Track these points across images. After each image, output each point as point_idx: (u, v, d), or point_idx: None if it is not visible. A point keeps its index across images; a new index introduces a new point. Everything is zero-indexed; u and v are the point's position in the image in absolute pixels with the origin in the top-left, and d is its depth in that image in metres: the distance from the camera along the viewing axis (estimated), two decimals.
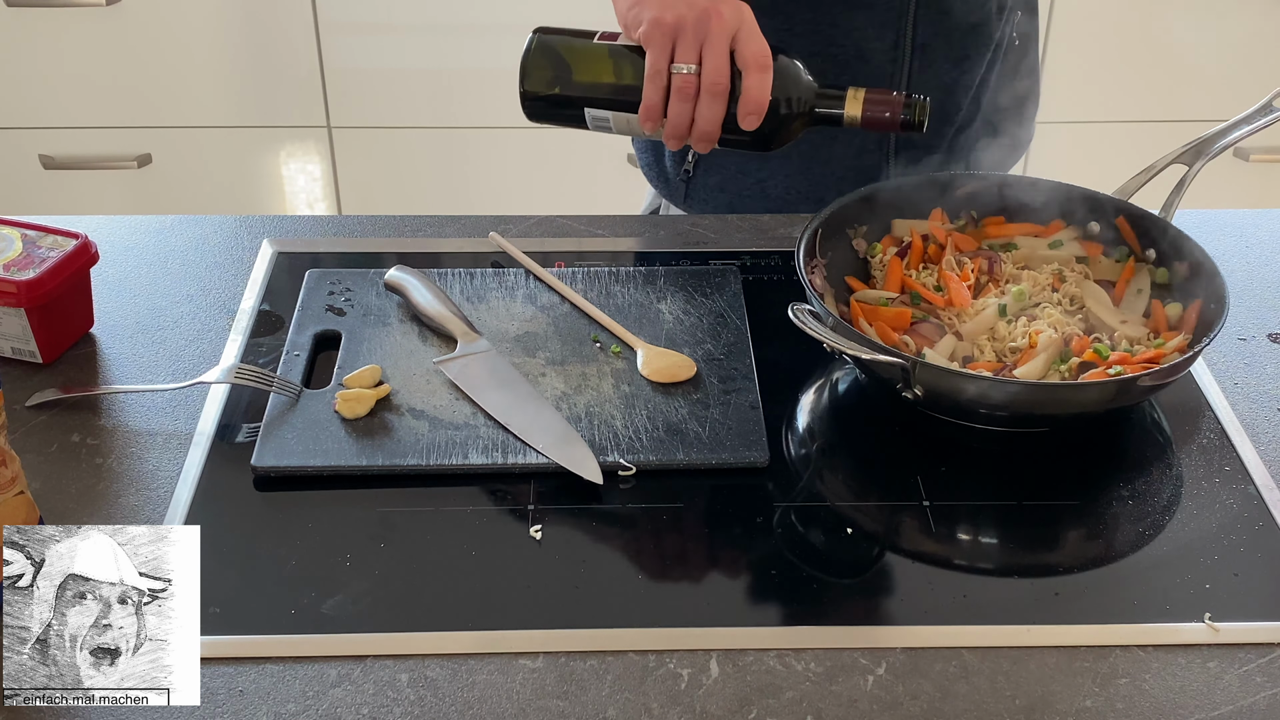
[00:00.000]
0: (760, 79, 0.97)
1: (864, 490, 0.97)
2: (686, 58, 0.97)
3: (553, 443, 0.95)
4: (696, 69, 0.97)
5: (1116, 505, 0.94)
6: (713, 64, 0.97)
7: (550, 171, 2.42)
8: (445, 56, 2.33)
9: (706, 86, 0.98)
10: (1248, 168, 2.39)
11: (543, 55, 1.05)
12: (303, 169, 2.45)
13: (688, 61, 0.97)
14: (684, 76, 0.98)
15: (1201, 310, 1.02)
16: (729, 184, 1.32)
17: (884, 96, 1.00)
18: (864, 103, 1.00)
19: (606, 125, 1.04)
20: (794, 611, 0.87)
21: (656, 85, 0.99)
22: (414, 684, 0.80)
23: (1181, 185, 1.11)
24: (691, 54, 0.97)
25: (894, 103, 1.00)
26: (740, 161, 1.30)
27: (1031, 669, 0.82)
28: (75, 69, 2.30)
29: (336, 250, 1.20)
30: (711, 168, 1.31)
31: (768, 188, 1.30)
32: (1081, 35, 2.27)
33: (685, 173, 1.32)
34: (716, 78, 0.97)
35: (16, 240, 1.03)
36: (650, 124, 1.01)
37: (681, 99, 0.98)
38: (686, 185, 1.33)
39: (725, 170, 1.31)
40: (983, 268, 1.09)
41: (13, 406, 0.99)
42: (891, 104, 1.00)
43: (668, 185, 1.37)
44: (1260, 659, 0.83)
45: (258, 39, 2.31)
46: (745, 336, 1.07)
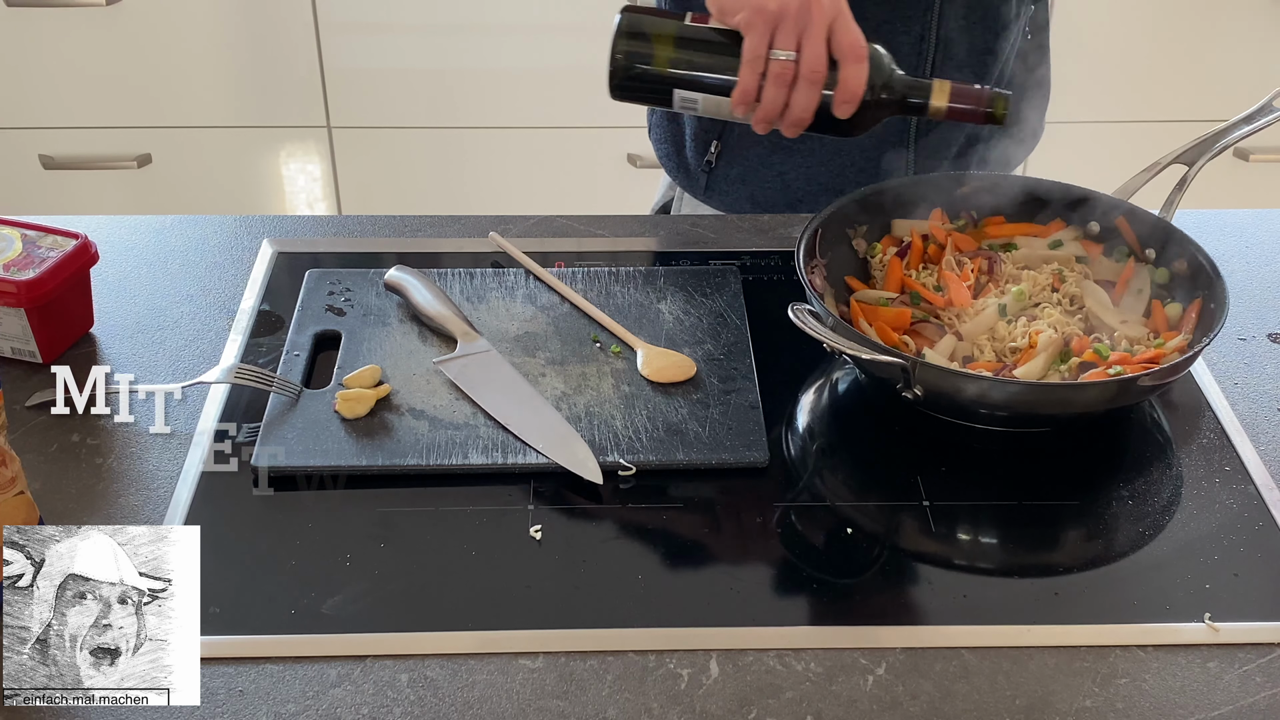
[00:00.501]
0: (857, 69, 1.00)
1: (864, 490, 0.97)
2: (786, 45, 0.99)
3: (553, 443, 0.95)
4: (795, 56, 0.99)
5: (1116, 505, 0.94)
6: (811, 52, 0.99)
7: (550, 171, 2.42)
8: (445, 56, 2.33)
9: (805, 74, 0.99)
10: (1248, 168, 2.39)
11: (636, 33, 1.05)
12: (303, 169, 2.45)
13: (786, 49, 0.99)
14: (782, 63, 0.99)
15: (1201, 310, 1.02)
16: (750, 175, 1.32)
17: (967, 90, 1.02)
18: (950, 94, 1.02)
19: (694, 107, 1.05)
20: (794, 611, 0.87)
21: (754, 70, 1.00)
22: (414, 684, 0.80)
23: (1182, 185, 1.11)
24: (791, 41, 0.99)
25: (978, 95, 1.02)
26: (763, 153, 1.30)
27: (1031, 669, 0.82)
28: (75, 69, 2.30)
29: (336, 250, 1.20)
30: (734, 159, 1.32)
31: (789, 179, 1.31)
32: (1081, 35, 2.27)
33: (707, 164, 1.33)
34: (816, 65, 0.99)
35: (16, 240, 1.03)
36: (743, 108, 1.02)
37: (778, 85, 1.00)
38: (708, 176, 1.34)
39: (747, 161, 1.31)
40: (983, 268, 1.09)
41: (13, 406, 0.99)
42: (976, 96, 1.02)
43: (688, 176, 1.37)
44: (1260, 659, 0.83)
45: (258, 39, 2.31)
46: (745, 336, 1.07)
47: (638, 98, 1.08)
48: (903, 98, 1.03)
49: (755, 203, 1.33)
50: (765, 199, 1.33)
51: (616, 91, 1.07)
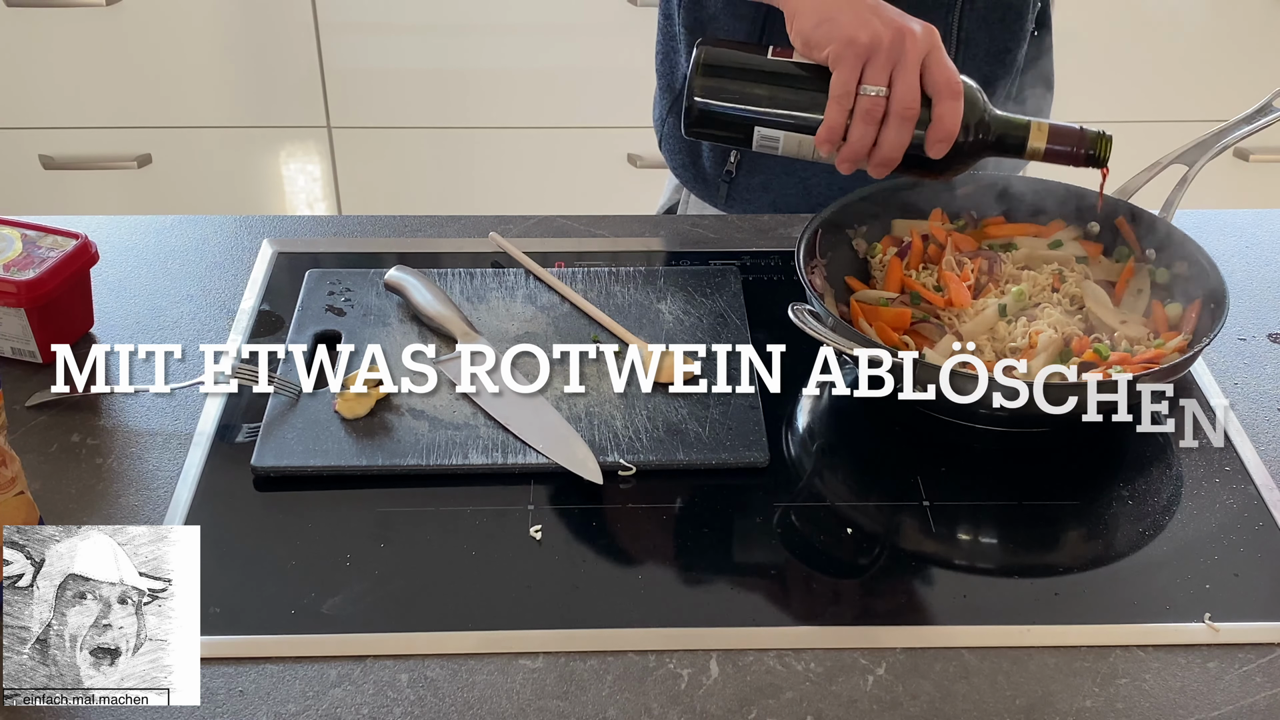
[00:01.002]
0: (953, 106, 0.95)
1: (864, 490, 0.97)
2: (877, 80, 0.94)
3: (553, 443, 0.95)
4: (886, 91, 0.95)
5: (1116, 505, 0.94)
6: (905, 88, 0.94)
7: (550, 171, 2.42)
8: (445, 56, 2.33)
9: (897, 111, 0.95)
10: (1248, 168, 2.39)
11: (716, 68, 1.00)
12: (303, 169, 2.45)
13: (877, 84, 0.94)
14: (872, 99, 0.95)
15: (1201, 310, 1.02)
16: (773, 183, 1.31)
17: (1067, 130, 0.98)
18: (1049, 135, 0.98)
19: (775, 146, 1.01)
20: (794, 611, 0.87)
21: (843, 106, 0.95)
22: (414, 684, 0.80)
23: (1182, 185, 1.11)
24: (882, 76, 0.94)
25: (1078, 137, 0.97)
26: (784, 161, 1.29)
27: (1031, 669, 0.82)
28: (75, 69, 2.30)
29: (336, 250, 1.20)
30: (755, 168, 1.30)
31: (811, 186, 1.30)
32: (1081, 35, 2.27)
33: (727, 173, 1.31)
34: (909, 102, 0.95)
35: (16, 240, 1.03)
36: (829, 146, 0.98)
37: (867, 121, 0.95)
38: (728, 185, 1.32)
39: (769, 170, 1.30)
40: (983, 268, 1.09)
41: (13, 406, 0.99)
42: (1075, 139, 0.97)
43: (705, 185, 1.35)
44: (1260, 659, 0.83)
45: (258, 39, 2.31)
46: (745, 336, 1.07)
47: (715, 136, 1.04)
48: (999, 138, 0.98)
49: (778, 209, 1.32)
50: (787, 206, 1.32)
51: (693, 130, 1.02)
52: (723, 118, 1.01)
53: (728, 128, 1.01)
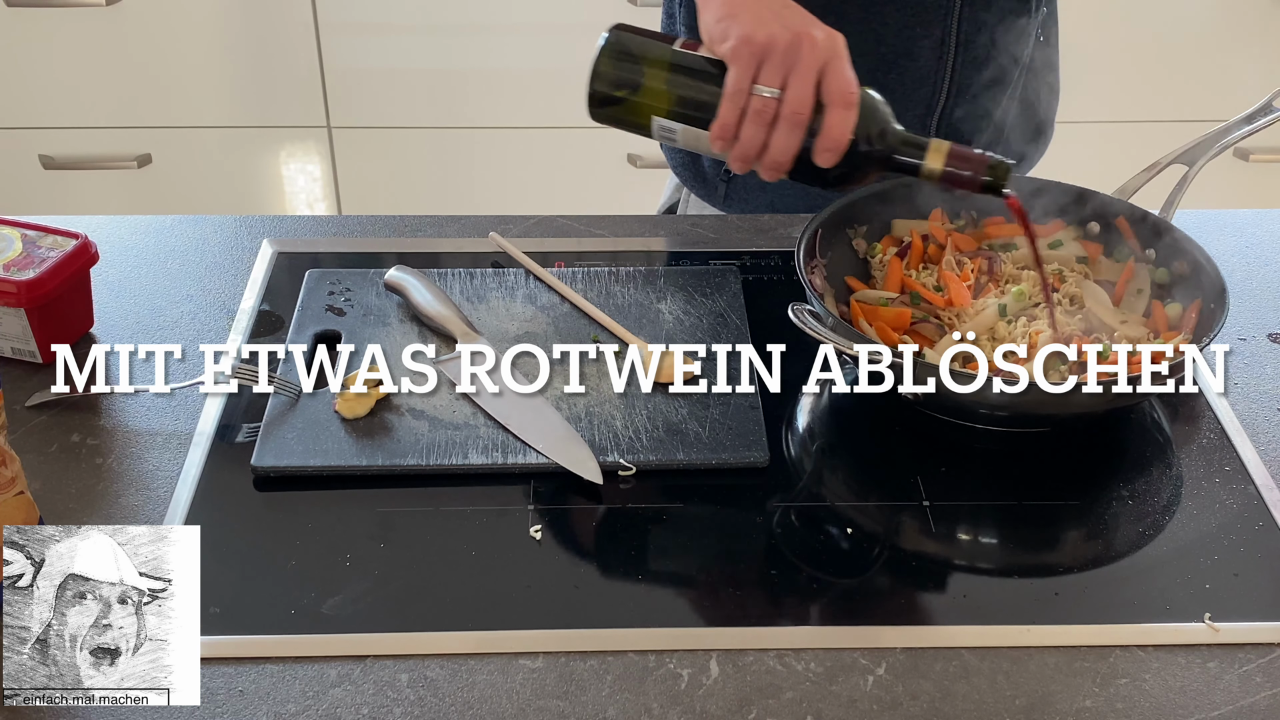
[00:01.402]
0: (844, 116, 0.93)
1: (864, 490, 0.97)
2: (770, 81, 0.93)
3: (553, 443, 0.95)
4: (779, 94, 0.93)
5: (1116, 505, 0.94)
6: (796, 92, 0.93)
7: (550, 171, 2.42)
8: (445, 56, 2.33)
9: (786, 114, 0.93)
10: (1248, 168, 2.39)
11: (619, 56, 0.99)
12: (303, 169, 2.45)
13: (771, 85, 0.93)
14: (764, 100, 0.93)
15: (1201, 310, 1.02)
16: (771, 184, 1.31)
17: (967, 154, 0.94)
18: (947, 156, 0.94)
19: (672, 137, 1.00)
20: (794, 611, 0.87)
21: (735, 105, 0.94)
22: (414, 684, 0.80)
23: (1182, 185, 1.11)
24: (776, 78, 0.93)
25: (976, 162, 0.94)
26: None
27: (1031, 669, 0.82)
28: (75, 69, 2.30)
29: (336, 250, 1.20)
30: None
31: (809, 188, 1.30)
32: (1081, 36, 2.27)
33: (725, 173, 1.31)
34: (798, 107, 0.93)
35: (16, 240, 1.03)
36: (721, 143, 0.96)
37: (758, 123, 0.94)
38: (726, 185, 1.32)
39: None
40: (983, 268, 1.09)
41: (13, 406, 0.99)
42: (973, 163, 0.94)
43: (704, 185, 1.35)
44: (1260, 659, 0.83)
45: (258, 39, 2.31)
46: (745, 336, 1.07)
47: (616, 122, 1.03)
48: (894, 154, 0.95)
49: (776, 209, 1.32)
50: (786, 206, 1.32)
51: (595, 112, 1.02)
52: (623, 104, 1.00)
53: (629, 115, 1.00)
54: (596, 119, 1.03)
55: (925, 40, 1.23)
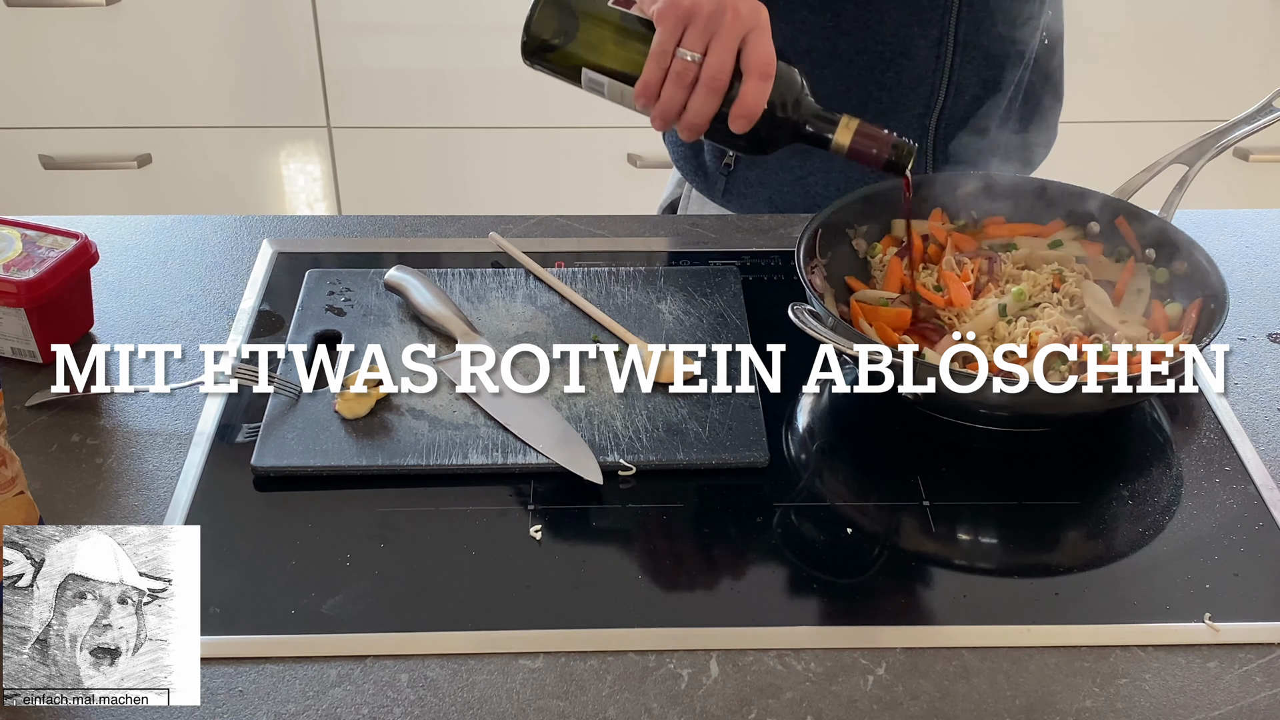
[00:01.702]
0: (759, 86, 0.97)
1: (864, 490, 0.97)
2: (693, 45, 0.97)
3: (553, 443, 0.95)
4: (700, 58, 0.97)
5: (1116, 505, 0.94)
6: (716, 59, 0.96)
7: (550, 171, 2.42)
8: (445, 56, 2.33)
9: (704, 79, 0.97)
10: (1248, 168, 2.39)
11: (555, 5, 1.03)
12: (303, 169, 2.45)
13: (693, 49, 0.97)
14: (685, 63, 0.97)
15: (1201, 310, 1.02)
16: (769, 179, 1.32)
17: (874, 132, 0.99)
18: (854, 134, 0.99)
19: (600, 89, 1.03)
20: (794, 611, 0.87)
21: (659, 65, 0.98)
22: (414, 684, 0.80)
23: (1182, 185, 1.11)
24: (699, 43, 0.97)
25: (882, 140, 0.99)
26: (782, 157, 1.29)
27: (1031, 669, 0.82)
28: (75, 69, 2.30)
29: (336, 250, 1.20)
30: (753, 162, 1.31)
31: (808, 184, 1.31)
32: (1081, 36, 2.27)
33: (726, 167, 1.32)
34: (716, 73, 0.97)
35: (16, 240, 1.03)
36: (644, 100, 1.00)
37: (678, 84, 0.98)
38: (726, 180, 1.33)
39: (767, 165, 1.31)
40: (983, 268, 1.09)
41: (13, 406, 0.99)
42: (880, 141, 0.99)
43: (705, 179, 1.36)
44: (1260, 659, 0.83)
45: (258, 39, 2.31)
46: (745, 336, 1.07)
47: (548, 70, 1.06)
48: (805, 126, 1.00)
49: (774, 206, 1.33)
50: (784, 202, 1.32)
51: (527, 59, 1.05)
52: (556, 54, 1.04)
53: (560, 64, 1.04)
54: (529, 64, 1.06)
55: (923, 39, 1.23)
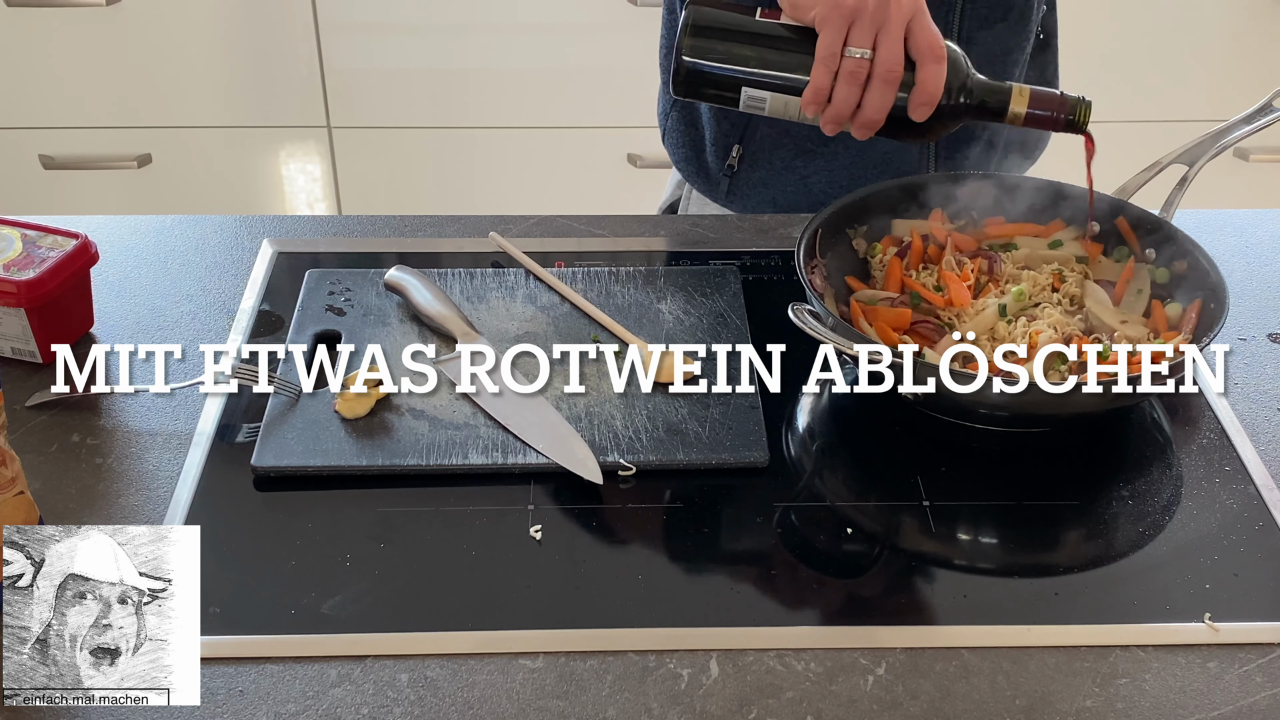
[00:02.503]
0: (936, 70, 0.97)
1: (864, 490, 0.97)
2: (861, 42, 0.96)
3: (553, 443, 0.95)
4: (870, 54, 0.97)
5: (1116, 505, 0.94)
6: (888, 50, 0.96)
7: (550, 171, 2.42)
8: (445, 56, 2.33)
9: (880, 73, 0.97)
10: (1248, 168, 2.39)
11: (706, 28, 1.02)
12: (303, 169, 2.45)
13: (862, 46, 0.96)
14: (857, 61, 0.97)
15: (1201, 310, 1.02)
16: (773, 179, 1.31)
17: (1049, 95, 1.00)
18: (1030, 99, 1.00)
19: (761, 106, 1.02)
20: (794, 611, 0.87)
21: (828, 68, 0.97)
22: (414, 684, 0.80)
23: (1182, 185, 1.11)
24: (867, 39, 0.96)
25: (1058, 102, 1.00)
26: (785, 157, 1.30)
27: (1031, 669, 0.82)
28: (75, 69, 2.30)
29: (336, 250, 1.20)
30: (756, 163, 1.31)
31: (811, 183, 1.31)
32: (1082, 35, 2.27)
33: (729, 168, 1.32)
34: (892, 64, 0.96)
35: (16, 240, 1.03)
36: (815, 107, 1.00)
37: (851, 83, 0.97)
38: (730, 180, 1.33)
39: (770, 165, 1.31)
40: (983, 268, 1.09)
41: (13, 406, 0.99)
42: (1056, 103, 1.00)
43: (708, 181, 1.36)
44: (1260, 659, 0.83)
45: (258, 39, 2.31)
46: (745, 336, 1.07)
47: (703, 96, 1.05)
48: (981, 102, 1.01)
49: (777, 206, 1.33)
50: (787, 202, 1.32)
51: (681, 89, 1.04)
52: (711, 77, 1.02)
53: (716, 87, 1.03)
54: (682, 95, 1.05)
55: None
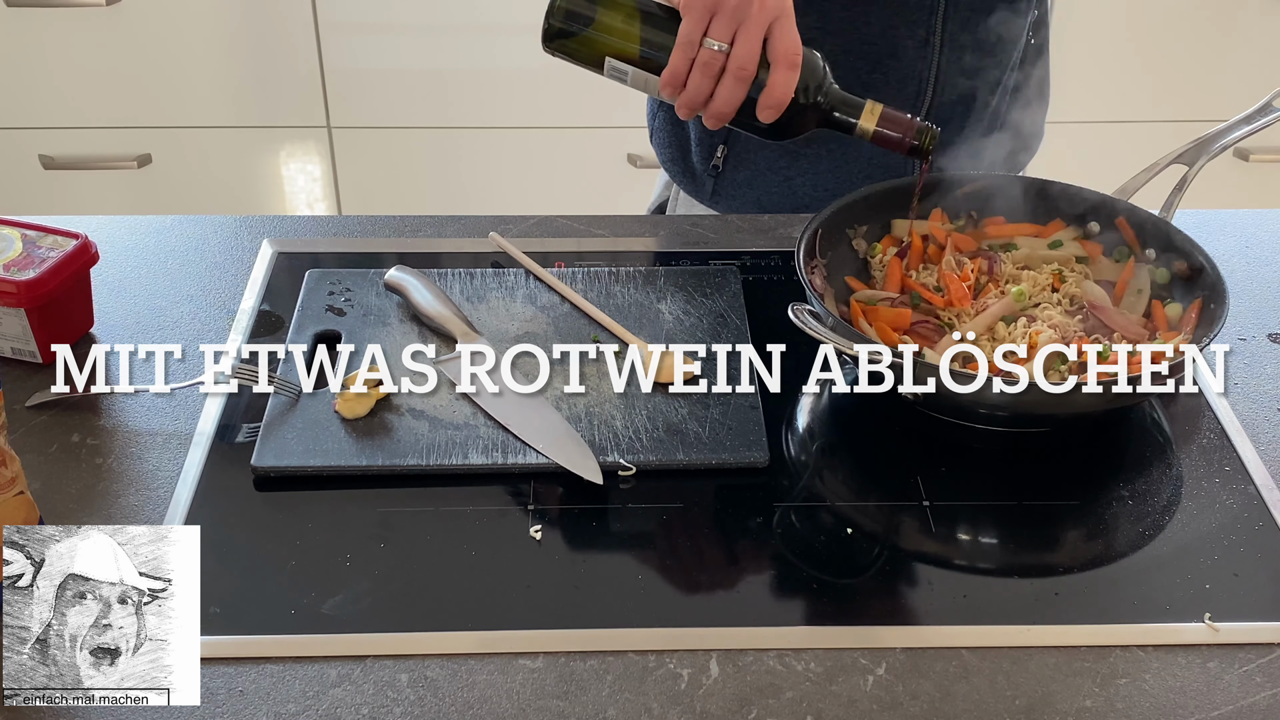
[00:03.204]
0: (786, 76, 0.97)
1: (864, 490, 0.97)
2: (720, 35, 0.97)
3: (553, 443, 0.95)
4: (727, 48, 0.97)
5: (1116, 505, 0.94)
6: (743, 48, 0.97)
7: (550, 171, 2.42)
8: (445, 56, 2.33)
9: (732, 69, 0.97)
10: (1248, 168, 2.39)
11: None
12: (303, 169, 2.45)
13: (720, 39, 0.97)
14: (712, 53, 0.97)
15: (1201, 310, 1.02)
16: (757, 180, 1.32)
17: (899, 117, 1.01)
18: (879, 118, 1.00)
19: (623, 78, 1.03)
20: (794, 611, 0.87)
21: (685, 54, 0.98)
22: (414, 684, 0.80)
23: (1182, 185, 1.11)
24: (725, 32, 0.97)
25: (907, 125, 1.01)
26: (769, 158, 1.30)
27: (1031, 669, 0.82)
28: (75, 69, 2.30)
29: (336, 250, 1.20)
30: (741, 163, 1.31)
31: (795, 185, 1.31)
32: (1081, 36, 2.27)
33: (714, 168, 1.32)
34: (744, 63, 0.97)
35: (16, 240, 1.03)
36: (670, 90, 1.00)
37: (705, 74, 0.98)
38: (714, 181, 1.33)
39: (754, 166, 1.31)
40: (983, 268, 1.09)
41: (13, 406, 0.99)
42: (904, 126, 1.01)
43: (693, 181, 1.36)
44: (1260, 659, 0.83)
45: (258, 39, 2.31)
46: (745, 336, 1.07)
47: (569, 57, 1.05)
48: (830, 112, 1.01)
49: (761, 207, 1.33)
50: (771, 204, 1.32)
51: (548, 46, 1.04)
52: (578, 40, 1.03)
53: (582, 49, 1.03)
54: (549, 50, 1.05)
55: (909, 40, 1.23)
